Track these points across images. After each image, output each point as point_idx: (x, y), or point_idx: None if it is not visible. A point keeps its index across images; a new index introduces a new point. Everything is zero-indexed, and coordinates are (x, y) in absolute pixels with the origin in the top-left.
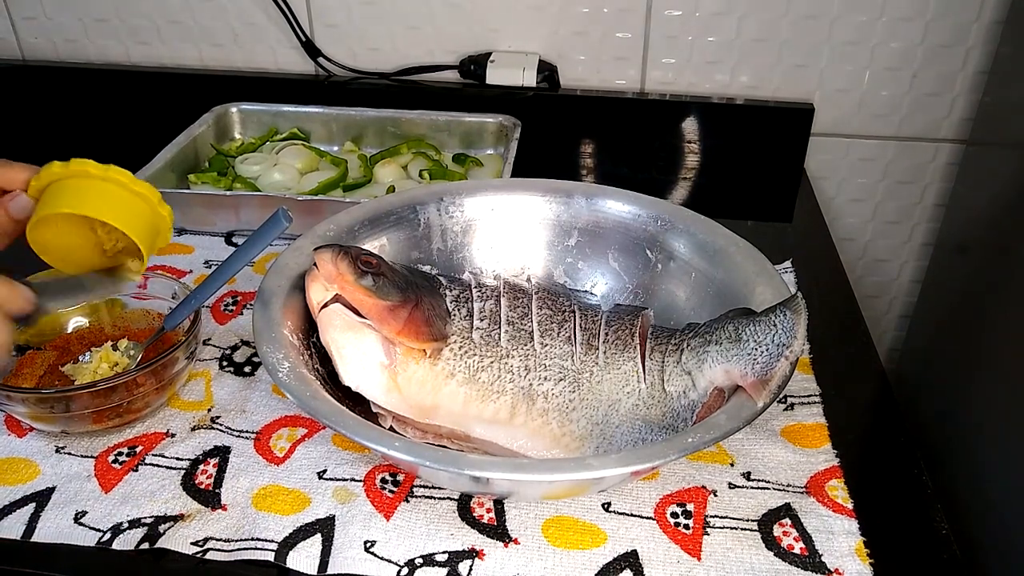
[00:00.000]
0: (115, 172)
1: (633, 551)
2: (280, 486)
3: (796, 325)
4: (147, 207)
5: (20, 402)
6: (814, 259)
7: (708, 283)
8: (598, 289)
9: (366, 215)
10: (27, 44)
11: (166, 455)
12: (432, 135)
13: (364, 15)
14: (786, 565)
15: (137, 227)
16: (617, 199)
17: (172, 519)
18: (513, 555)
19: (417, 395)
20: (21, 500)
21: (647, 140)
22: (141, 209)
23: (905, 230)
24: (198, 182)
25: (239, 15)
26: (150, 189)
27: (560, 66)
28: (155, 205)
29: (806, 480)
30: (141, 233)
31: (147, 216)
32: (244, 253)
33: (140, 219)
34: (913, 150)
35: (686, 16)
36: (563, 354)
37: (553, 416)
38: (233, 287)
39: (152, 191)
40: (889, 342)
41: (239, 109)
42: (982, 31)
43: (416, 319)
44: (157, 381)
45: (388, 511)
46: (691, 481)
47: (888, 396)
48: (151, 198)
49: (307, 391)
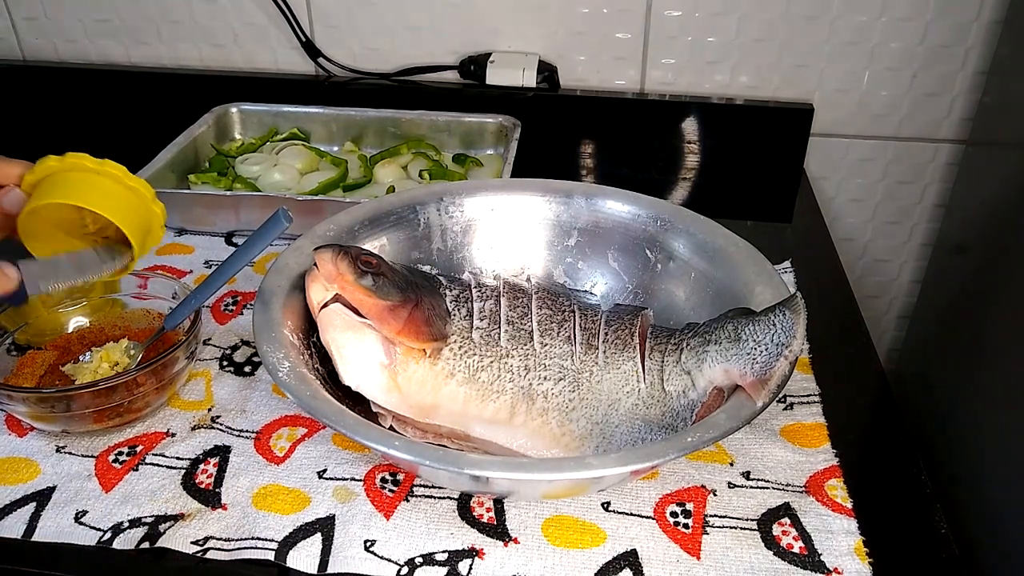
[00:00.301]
0: (110, 166)
1: (633, 550)
2: (280, 485)
3: (795, 325)
4: (140, 202)
5: (21, 401)
6: (814, 259)
7: (708, 283)
8: (598, 289)
9: (366, 215)
10: (27, 44)
11: (166, 455)
12: (432, 135)
13: (364, 15)
14: (785, 564)
15: (128, 220)
16: (617, 199)
17: (172, 518)
18: (513, 554)
19: (417, 395)
20: (22, 499)
21: (647, 140)
22: (134, 203)
23: (905, 230)
24: (198, 182)
25: (239, 15)
26: (144, 185)
27: (560, 66)
28: (148, 201)
29: (805, 479)
30: (132, 226)
31: (140, 211)
32: (244, 253)
33: (132, 213)
34: (913, 150)
35: (686, 16)
36: (563, 354)
37: (553, 416)
38: (233, 287)
39: (146, 187)
40: (888, 342)
41: (239, 109)
42: (982, 31)
43: (416, 319)
44: (157, 381)
45: (388, 510)
46: (691, 480)
47: (887, 396)
48: (145, 194)
49: (307, 391)
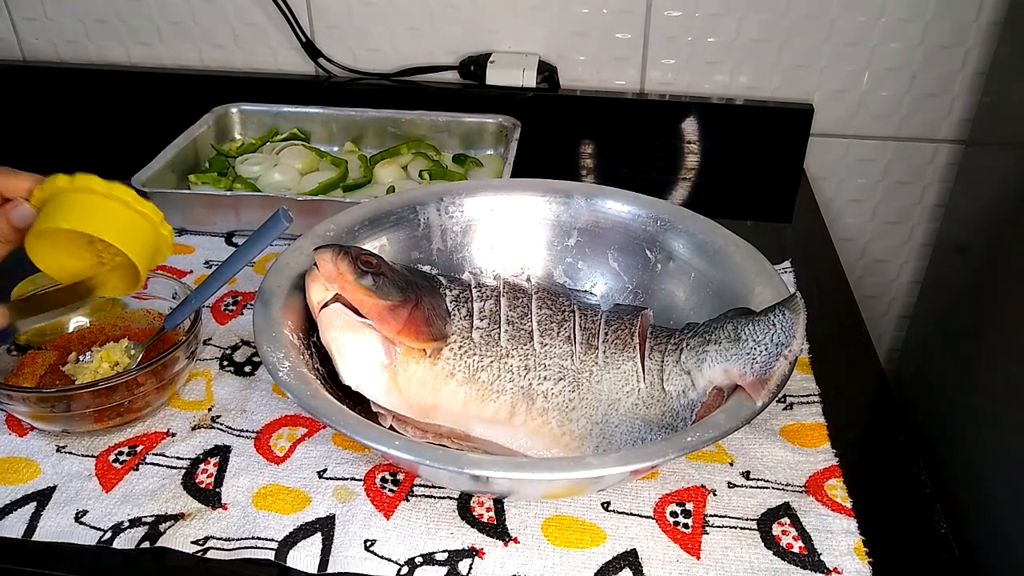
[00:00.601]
0: (119, 191)
1: (632, 550)
2: (280, 485)
3: (795, 325)
4: (149, 226)
5: (21, 401)
6: (813, 259)
7: (707, 283)
8: (598, 289)
9: (366, 215)
10: (27, 45)
11: (167, 454)
12: (432, 135)
13: (364, 16)
14: (785, 564)
15: (136, 246)
16: (617, 199)
17: (173, 518)
18: (513, 554)
19: (417, 394)
20: (22, 499)
21: (647, 140)
22: (143, 228)
23: (904, 230)
24: (198, 182)
25: (239, 16)
26: (153, 209)
27: (560, 66)
28: (157, 225)
29: (805, 479)
30: (140, 252)
31: (148, 235)
32: (244, 253)
33: (140, 238)
34: (912, 150)
35: (686, 17)
36: (563, 354)
37: (553, 415)
38: (233, 287)
39: (155, 211)
40: (888, 342)
41: (239, 109)
42: (981, 32)
43: (416, 319)
44: (158, 381)
45: (388, 510)
46: (690, 480)
47: (887, 396)
48: (153, 218)
49: (307, 390)
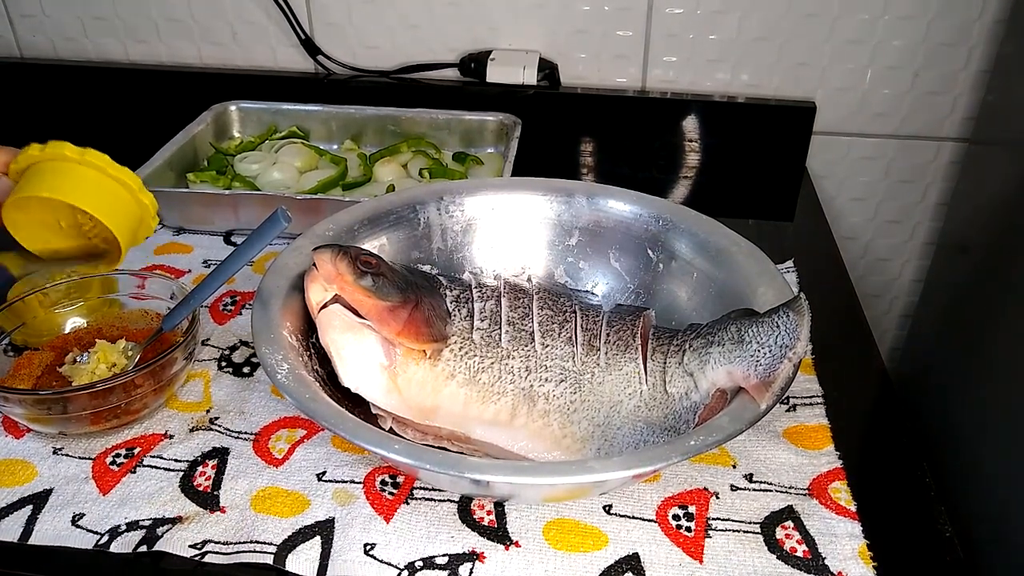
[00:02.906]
0: (92, 156)
1: (635, 554)
2: (279, 488)
3: (799, 326)
4: (126, 193)
5: (17, 403)
6: (816, 258)
7: (710, 283)
8: (599, 289)
9: (366, 214)
10: (25, 42)
11: (164, 457)
12: (432, 133)
13: (364, 13)
14: (789, 568)
15: (113, 213)
16: (618, 198)
17: (170, 521)
18: (514, 558)
19: (417, 396)
20: (18, 502)
21: (648, 139)
22: (119, 194)
23: (907, 229)
24: (197, 181)
25: (238, 13)
26: (129, 175)
27: (561, 64)
28: (135, 191)
29: (809, 482)
30: (117, 218)
31: (125, 202)
32: (243, 253)
33: (117, 204)
34: (915, 149)
35: (687, 14)
36: (564, 355)
37: (554, 417)
38: (232, 287)
39: (132, 177)
40: (891, 341)
41: (238, 107)
42: (984, 29)
43: (416, 319)
44: (155, 382)
45: (388, 513)
46: (693, 483)
47: (890, 396)
48: (131, 184)
49: (306, 393)
